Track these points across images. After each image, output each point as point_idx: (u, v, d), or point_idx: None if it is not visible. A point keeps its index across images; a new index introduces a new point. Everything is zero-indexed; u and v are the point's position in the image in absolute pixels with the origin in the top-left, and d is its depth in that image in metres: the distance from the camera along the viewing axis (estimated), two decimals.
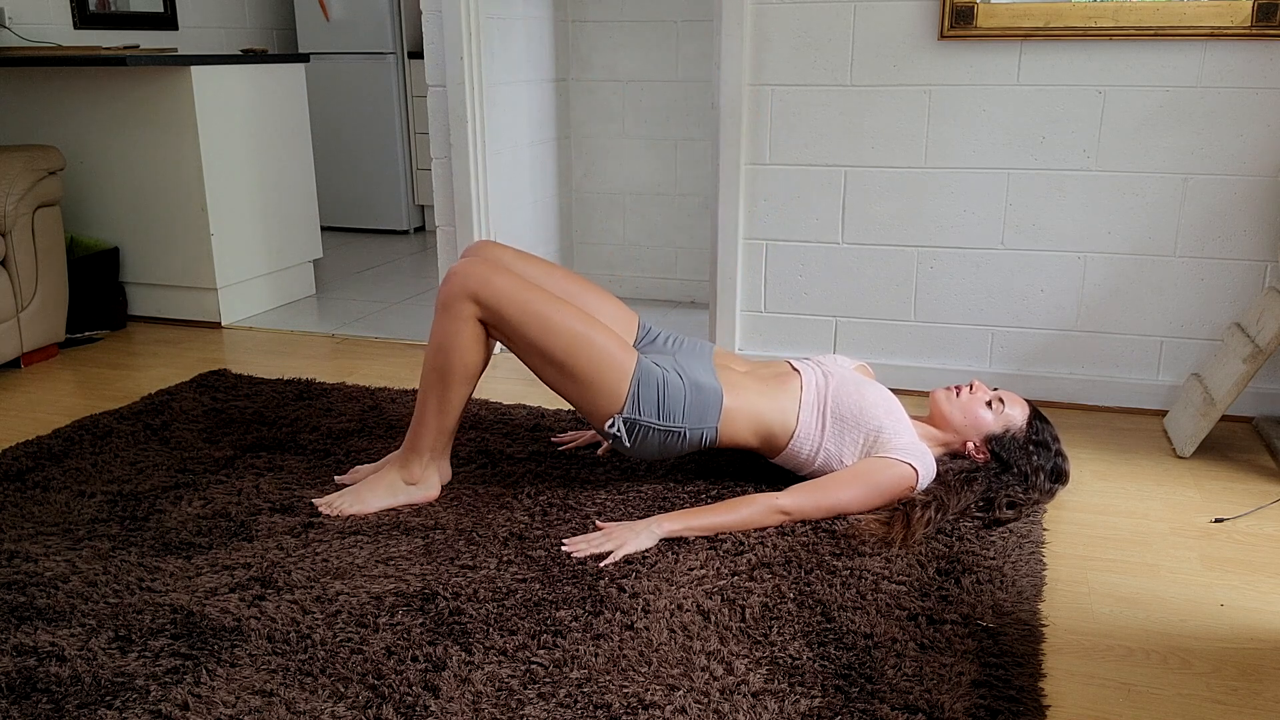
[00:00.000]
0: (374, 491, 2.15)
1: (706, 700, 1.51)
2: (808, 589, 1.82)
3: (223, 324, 3.69)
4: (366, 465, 2.30)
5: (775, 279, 3.01)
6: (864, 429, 2.11)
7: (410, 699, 1.51)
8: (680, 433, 2.08)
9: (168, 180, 3.57)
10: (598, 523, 2.06)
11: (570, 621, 1.71)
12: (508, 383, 3.03)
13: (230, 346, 3.44)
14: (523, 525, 2.06)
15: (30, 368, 3.20)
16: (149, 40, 4.48)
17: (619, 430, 2.06)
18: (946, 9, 2.66)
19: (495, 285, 2.02)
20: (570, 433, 2.54)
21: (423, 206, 5.60)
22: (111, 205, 3.67)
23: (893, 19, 2.73)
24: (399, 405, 2.76)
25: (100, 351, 3.39)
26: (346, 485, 2.25)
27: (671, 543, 1.98)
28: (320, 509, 2.12)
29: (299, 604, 1.77)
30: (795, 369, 2.23)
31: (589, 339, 2.03)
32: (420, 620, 1.72)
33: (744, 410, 2.11)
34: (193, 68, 3.45)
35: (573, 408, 2.22)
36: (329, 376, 3.05)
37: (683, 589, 1.82)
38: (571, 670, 1.58)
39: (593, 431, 2.51)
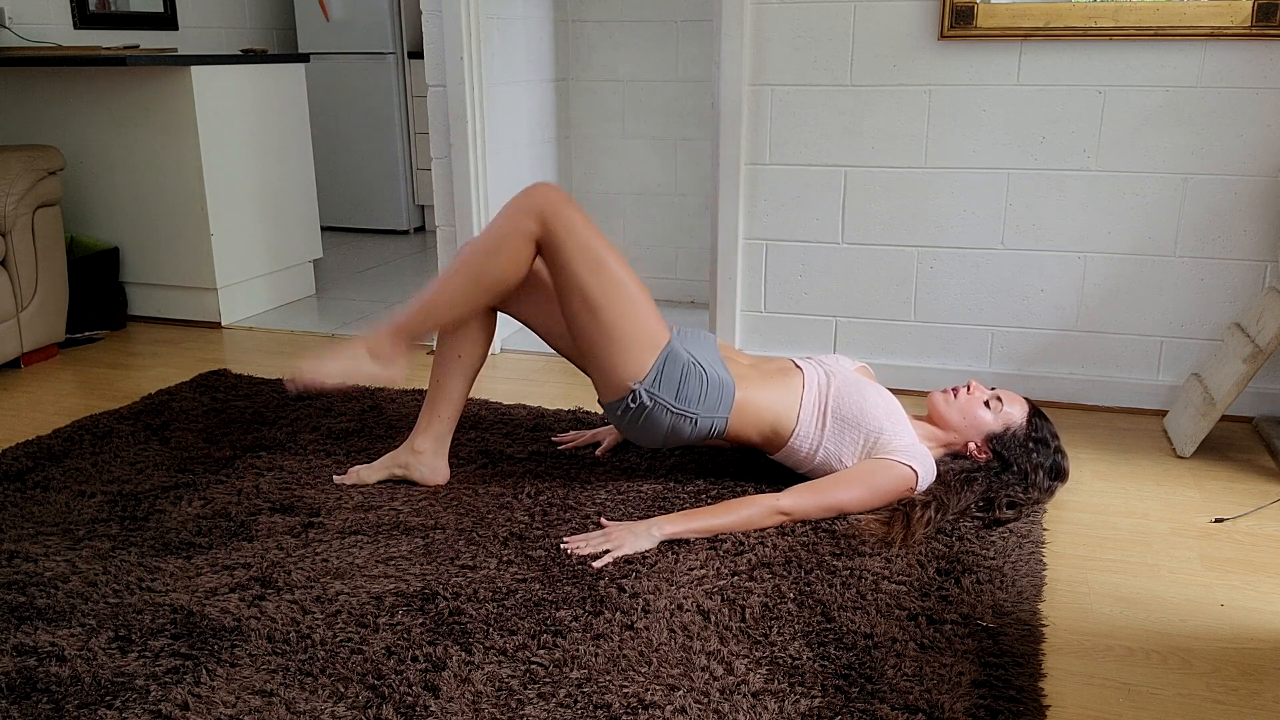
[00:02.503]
0: (336, 359, 2.11)
1: (706, 700, 1.51)
2: (808, 589, 1.81)
3: (223, 324, 3.69)
4: (363, 465, 2.30)
5: (775, 279, 3.02)
6: (864, 430, 2.11)
7: (410, 699, 1.51)
8: (693, 419, 2.08)
9: (168, 180, 3.57)
10: (601, 520, 2.06)
11: (570, 621, 1.71)
12: (508, 383, 3.03)
13: (230, 346, 3.44)
14: (523, 525, 2.06)
15: (30, 368, 3.20)
16: (149, 40, 4.48)
17: (636, 398, 2.04)
18: (946, 9, 2.66)
19: (564, 213, 2.01)
20: (570, 433, 2.54)
21: (423, 206, 5.59)
22: (111, 205, 3.67)
23: (892, 19, 2.73)
24: (399, 405, 2.76)
25: (100, 351, 3.39)
26: (346, 485, 2.25)
27: (671, 543, 1.98)
28: (286, 384, 2.12)
29: (299, 604, 1.76)
30: (798, 366, 2.24)
31: (634, 298, 2.03)
32: (420, 620, 1.72)
33: (752, 404, 2.12)
34: (193, 68, 3.45)
35: (586, 375, 2.17)
36: None
37: (683, 589, 1.82)
38: (571, 670, 1.58)
39: (593, 432, 2.51)
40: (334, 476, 2.29)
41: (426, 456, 2.24)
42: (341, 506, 2.14)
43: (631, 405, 2.06)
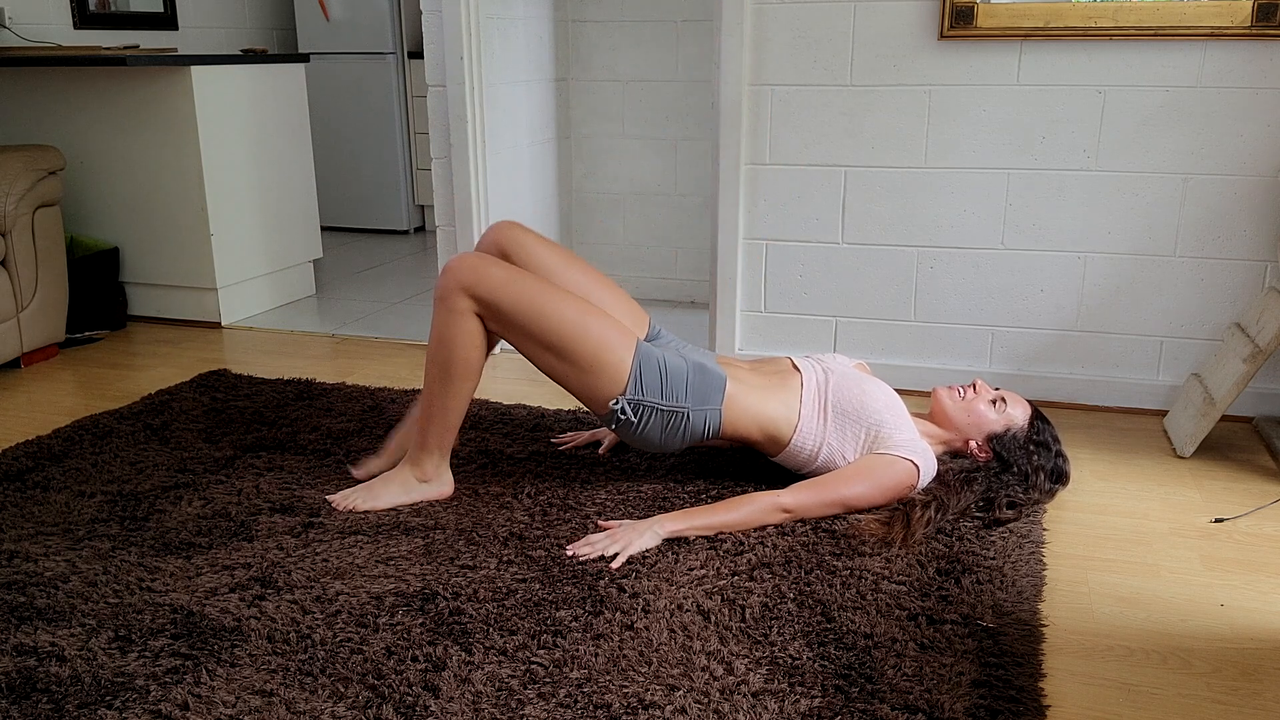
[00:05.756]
0: (387, 488, 2.16)
1: (706, 700, 1.51)
2: (808, 589, 1.81)
3: (223, 324, 3.69)
4: (377, 459, 2.30)
5: (775, 279, 3.01)
6: (865, 424, 2.11)
7: (410, 699, 1.51)
8: (683, 413, 2.07)
9: (168, 180, 3.57)
10: (600, 522, 2.06)
11: (570, 621, 1.71)
12: (508, 383, 3.03)
13: (230, 346, 3.44)
14: (523, 525, 2.06)
15: (30, 368, 3.20)
16: (149, 40, 4.48)
17: (624, 411, 2.05)
18: (946, 9, 2.66)
19: (487, 277, 2.02)
20: (570, 433, 2.54)
21: (423, 206, 5.59)
22: (111, 205, 3.67)
23: (893, 19, 2.73)
24: (399, 405, 2.76)
25: (100, 351, 3.39)
26: (359, 479, 2.25)
27: (671, 543, 1.98)
28: (333, 504, 2.14)
29: (299, 604, 1.77)
30: (796, 366, 2.24)
31: (584, 324, 2.03)
32: (420, 620, 1.72)
33: (747, 398, 2.12)
34: (193, 68, 3.45)
35: (575, 399, 2.20)
36: (329, 376, 3.05)
37: (683, 589, 1.82)
38: (571, 670, 1.58)
39: (592, 431, 2.51)
40: (349, 467, 2.28)
41: (433, 479, 2.22)
42: None
43: (621, 418, 2.07)
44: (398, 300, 4.03)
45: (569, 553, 1.94)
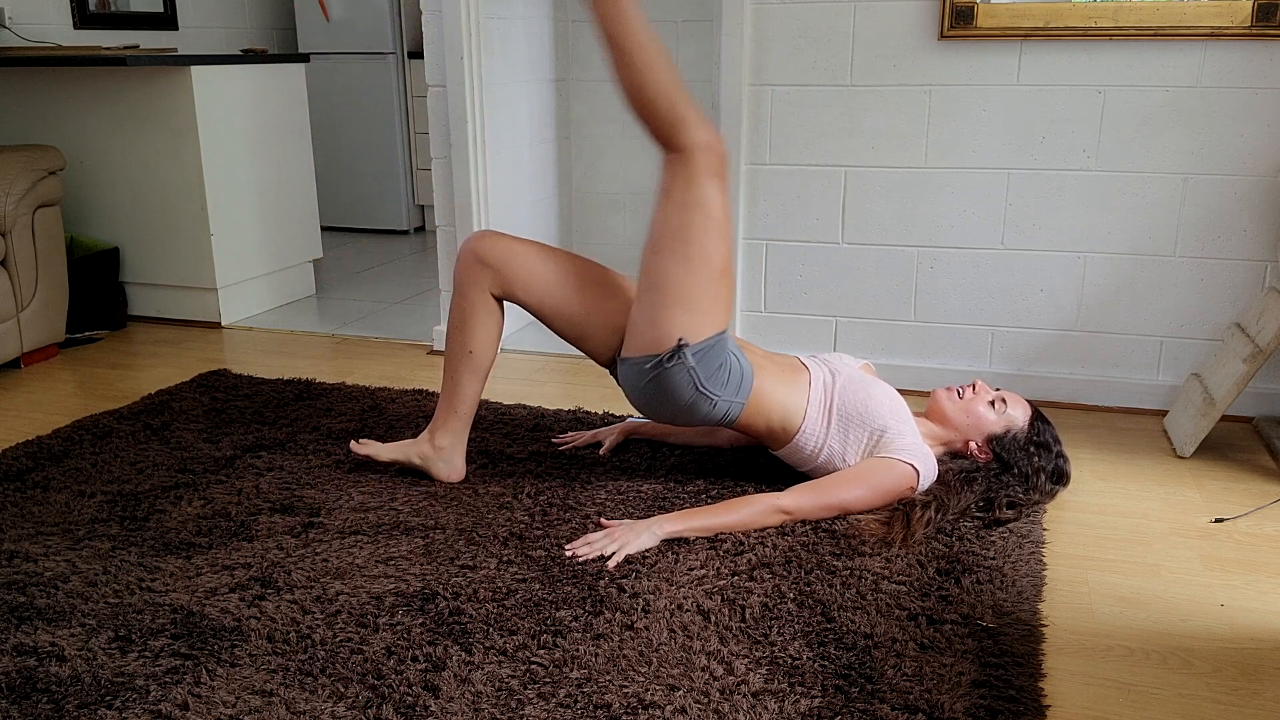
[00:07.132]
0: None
1: (706, 700, 1.51)
2: (808, 589, 1.81)
3: (223, 324, 3.69)
4: (379, 443, 2.31)
5: (775, 279, 3.01)
6: (869, 428, 2.11)
7: (410, 699, 1.51)
8: (713, 401, 2.07)
9: (168, 180, 3.57)
10: (601, 520, 2.06)
11: (570, 621, 1.71)
12: (508, 383, 3.03)
13: (230, 346, 3.44)
14: (523, 525, 2.06)
15: (30, 368, 3.20)
16: (149, 40, 4.48)
17: (682, 356, 2.00)
18: (946, 9, 2.66)
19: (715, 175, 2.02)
20: (571, 433, 2.54)
21: (423, 206, 5.59)
22: (111, 205, 3.67)
23: (892, 19, 2.73)
24: (399, 405, 2.76)
25: (100, 351, 3.39)
26: (358, 455, 2.30)
27: (671, 543, 1.97)
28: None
29: (299, 604, 1.76)
30: (804, 365, 2.23)
31: (725, 274, 2.03)
32: (420, 620, 1.72)
33: (766, 394, 2.12)
34: (193, 68, 3.45)
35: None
36: (329, 376, 3.05)
37: (683, 589, 1.82)
38: (571, 670, 1.58)
39: (593, 432, 2.51)
40: (351, 443, 2.29)
41: (446, 453, 2.25)
42: (341, 506, 2.15)
43: (667, 364, 2.01)
44: (398, 300, 4.03)
45: (567, 552, 1.94)
